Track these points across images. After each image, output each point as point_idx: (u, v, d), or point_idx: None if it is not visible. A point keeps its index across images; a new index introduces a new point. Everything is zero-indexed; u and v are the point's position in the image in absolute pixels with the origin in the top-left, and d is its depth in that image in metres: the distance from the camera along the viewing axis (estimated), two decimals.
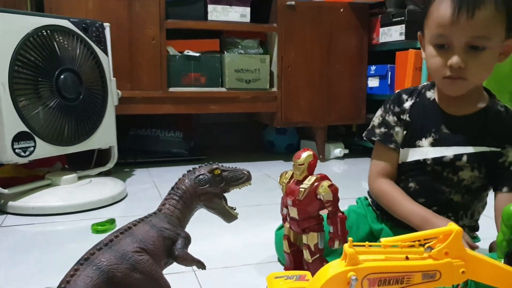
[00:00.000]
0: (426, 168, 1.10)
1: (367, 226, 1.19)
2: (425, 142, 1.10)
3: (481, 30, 0.97)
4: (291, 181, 1.00)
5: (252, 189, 1.03)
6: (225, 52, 2.35)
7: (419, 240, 0.63)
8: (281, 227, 1.18)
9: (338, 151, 2.65)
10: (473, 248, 0.99)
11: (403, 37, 2.32)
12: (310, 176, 0.98)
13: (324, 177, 0.97)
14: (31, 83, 1.61)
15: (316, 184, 0.96)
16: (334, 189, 0.95)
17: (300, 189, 0.96)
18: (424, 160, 1.10)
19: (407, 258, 0.62)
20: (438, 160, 1.08)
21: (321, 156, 2.60)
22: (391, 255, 0.61)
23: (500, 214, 0.93)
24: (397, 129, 1.15)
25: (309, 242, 0.96)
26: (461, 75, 1.00)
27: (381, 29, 2.50)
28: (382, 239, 0.62)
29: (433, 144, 1.09)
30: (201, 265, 0.86)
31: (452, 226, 0.62)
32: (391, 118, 1.16)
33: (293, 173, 1.01)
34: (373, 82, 2.56)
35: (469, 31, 0.97)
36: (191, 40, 2.33)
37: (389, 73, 2.41)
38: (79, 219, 1.55)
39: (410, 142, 1.13)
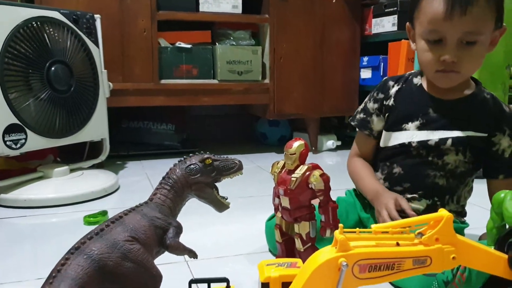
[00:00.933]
0: (411, 152, 1.12)
1: (356, 215, 1.20)
2: (411, 125, 1.12)
3: (473, 26, 0.98)
4: (283, 171, 1.00)
5: (244, 181, 1.03)
6: (217, 43, 2.34)
7: (409, 226, 0.63)
8: (272, 217, 1.18)
9: (330, 143, 2.66)
10: (411, 215, 1.03)
11: (395, 28, 2.32)
12: (301, 166, 0.98)
13: (315, 167, 0.98)
14: (21, 75, 1.60)
15: (307, 173, 0.96)
16: (325, 178, 0.95)
17: (292, 179, 0.96)
18: (410, 143, 1.11)
19: (397, 244, 0.62)
20: (423, 143, 1.10)
21: (313, 148, 2.60)
22: (381, 241, 0.62)
23: None
24: (374, 117, 1.19)
25: (301, 231, 0.96)
26: (454, 69, 1.02)
27: (373, 20, 2.49)
28: (372, 226, 0.62)
29: (420, 128, 1.11)
30: (193, 254, 0.85)
31: (443, 212, 0.63)
32: (371, 105, 1.20)
33: (284, 162, 1.01)
34: (366, 74, 2.56)
35: (462, 27, 0.98)
36: (183, 31, 2.32)
37: (382, 64, 2.41)
38: (71, 211, 1.55)
39: (395, 126, 1.15)
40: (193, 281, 0.77)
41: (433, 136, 1.09)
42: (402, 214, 1.03)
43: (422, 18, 1.03)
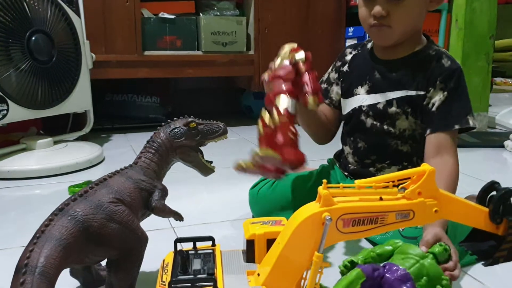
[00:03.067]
0: (364, 121, 1.10)
1: (336, 182, 1.20)
2: (361, 90, 1.12)
3: None
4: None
5: (230, 152, 1.03)
6: (201, 14, 2.32)
7: (393, 181, 0.64)
8: (255, 185, 1.20)
9: None
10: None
11: None
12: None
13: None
14: (1, 44, 1.57)
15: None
16: (307, 54, 0.92)
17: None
18: (360, 107, 1.11)
19: (381, 198, 0.62)
20: (372, 107, 1.09)
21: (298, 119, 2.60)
22: (365, 196, 0.62)
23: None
24: (334, 86, 1.20)
25: (278, 104, 0.86)
26: (385, 23, 1.02)
27: None
28: (356, 181, 0.62)
29: (369, 91, 1.11)
30: (178, 217, 0.85)
31: (425, 167, 0.63)
32: (332, 75, 1.21)
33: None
34: None
35: None
36: (166, 1, 2.29)
37: (367, 34, 2.39)
38: (55, 183, 1.54)
39: (349, 91, 1.15)
40: (178, 240, 0.77)
41: (380, 98, 1.08)
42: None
43: None
